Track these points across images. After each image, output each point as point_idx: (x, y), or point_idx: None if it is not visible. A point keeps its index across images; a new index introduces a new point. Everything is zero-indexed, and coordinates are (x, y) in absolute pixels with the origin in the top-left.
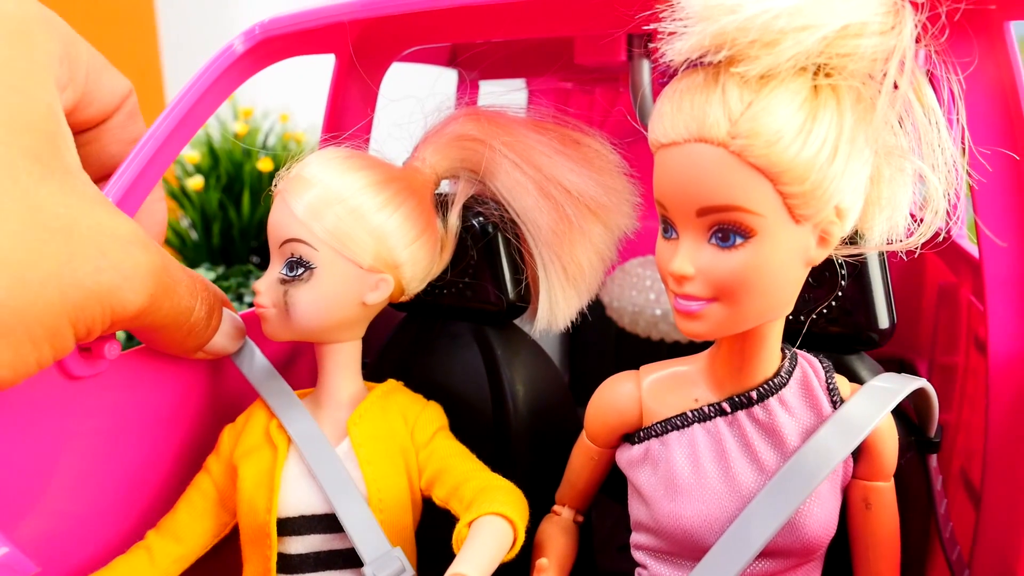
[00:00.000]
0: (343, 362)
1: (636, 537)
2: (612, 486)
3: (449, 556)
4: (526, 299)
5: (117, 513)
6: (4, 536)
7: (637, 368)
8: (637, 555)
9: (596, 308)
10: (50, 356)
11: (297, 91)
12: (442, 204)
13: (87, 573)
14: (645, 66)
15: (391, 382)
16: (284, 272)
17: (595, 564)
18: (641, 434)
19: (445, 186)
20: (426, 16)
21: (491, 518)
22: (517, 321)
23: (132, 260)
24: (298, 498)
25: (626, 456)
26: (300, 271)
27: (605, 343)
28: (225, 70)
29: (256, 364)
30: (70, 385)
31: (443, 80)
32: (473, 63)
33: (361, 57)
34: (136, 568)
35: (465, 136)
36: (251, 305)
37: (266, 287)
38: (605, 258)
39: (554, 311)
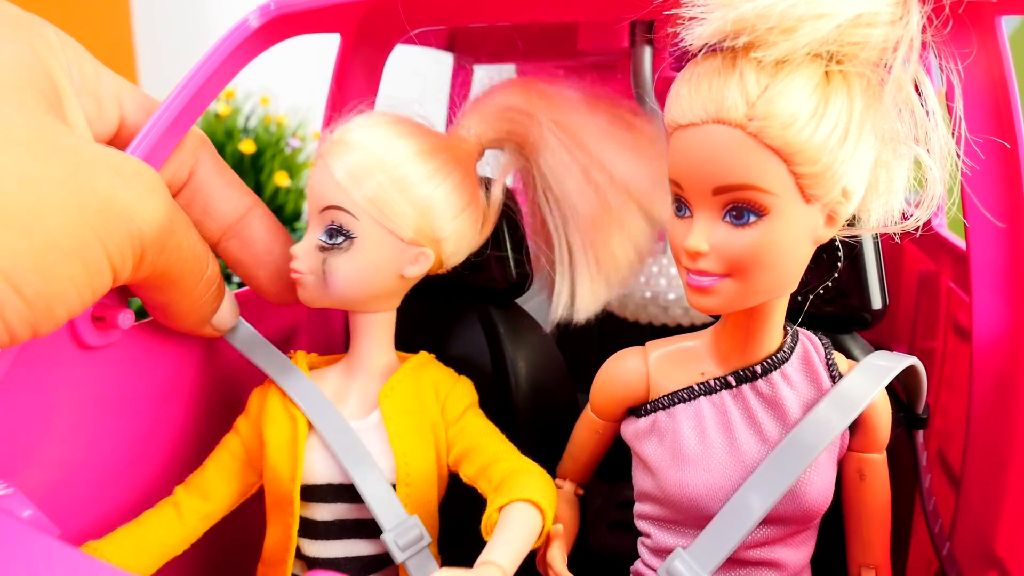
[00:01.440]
0: (377, 332)
1: (640, 507)
2: (600, 465)
3: (471, 530)
4: (529, 279)
5: (126, 479)
6: (27, 498)
7: (618, 350)
8: (641, 524)
9: None
10: (86, 282)
11: (277, 73)
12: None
13: (95, 536)
14: (647, 52)
15: (424, 355)
16: (324, 239)
17: (587, 541)
18: (648, 407)
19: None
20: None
21: (521, 505)
22: (520, 301)
23: (145, 181)
24: (324, 466)
25: (632, 428)
26: (340, 240)
27: (589, 325)
28: (239, 45)
29: (257, 345)
30: (83, 354)
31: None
32: (470, 47)
33: (366, 37)
34: (164, 523)
35: (513, 107)
36: (241, 285)
37: (304, 252)
38: (643, 252)
39: (578, 302)
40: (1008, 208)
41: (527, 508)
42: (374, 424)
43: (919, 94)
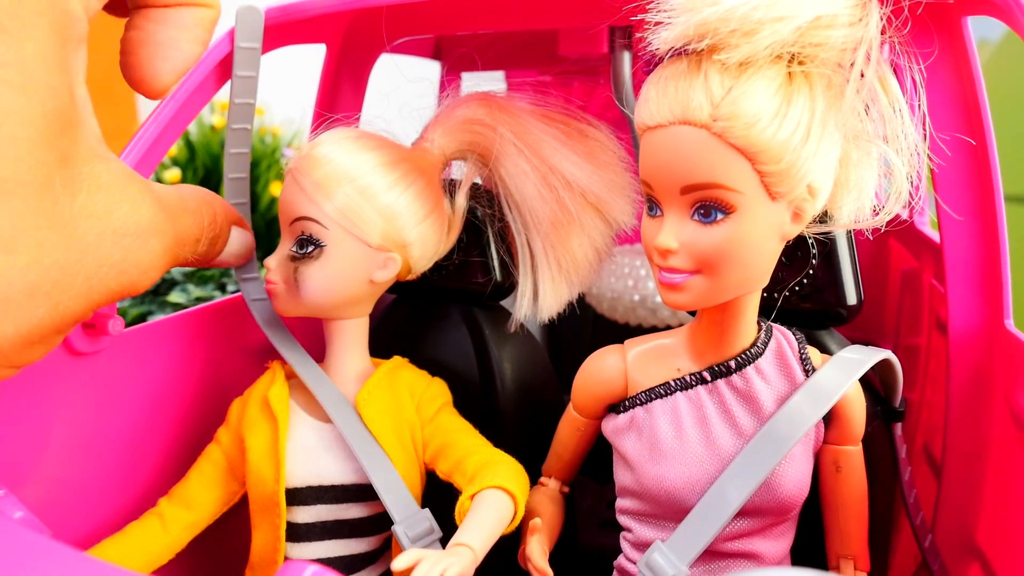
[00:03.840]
0: (351, 338)
1: (621, 502)
2: (590, 466)
3: (450, 527)
4: (513, 281)
5: (118, 484)
6: (18, 500)
7: None
8: (622, 519)
9: None
10: (59, 341)
11: (272, 86)
12: (449, 185)
13: (87, 541)
14: (626, 57)
15: (397, 359)
16: (295, 249)
17: (578, 540)
18: (626, 403)
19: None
20: (415, 8)
21: (492, 491)
22: (505, 303)
23: (150, 254)
24: (305, 469)
25: (612, 425)
26: (310, 248)
27: (582, 328)
28: (226, 56)
29: (283, 337)
30: (74, 361)
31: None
32: (457, 56)
33: (351, 47)
34: (149, 534)
35: (474, 120)
36: (234, 294)
37: (276, 263)
38: (601, 252)
39: (540, 301)
40: (978, 204)
41: (497, 494)
42: None
43: (886, 93)
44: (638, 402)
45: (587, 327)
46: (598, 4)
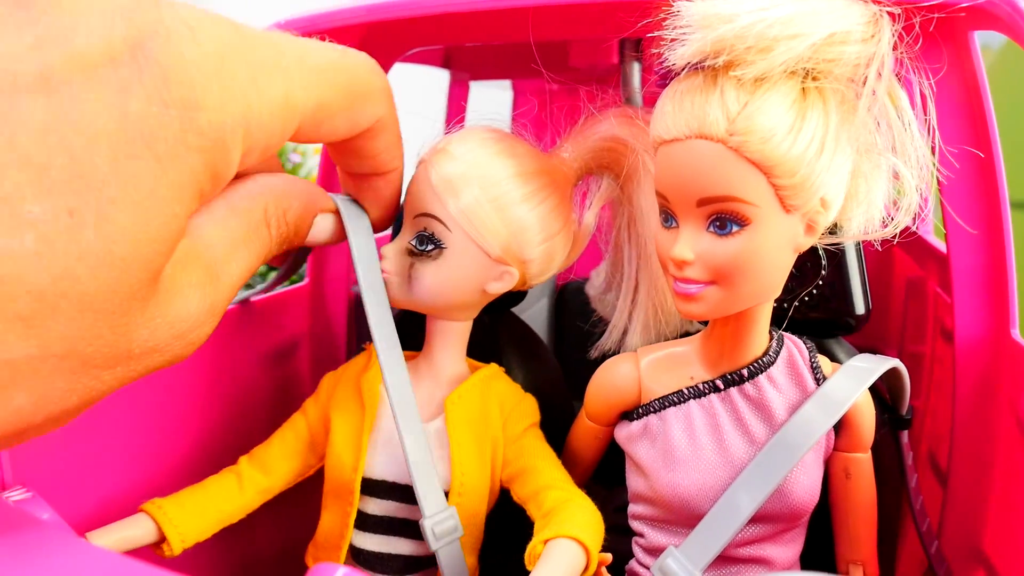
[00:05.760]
0: (452, 340)
1: (634, 508)
2: (598, 472)
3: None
4: (525, 289)
5: (128, 479)
6: (45, 501)
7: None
8: (635, 524)
9: (579, 299)
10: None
11: None
12: None
13: (107, 517)
14: (636, 68)
15: (493, 367)
16: (414, 243)
17: None
18: (640, 411)
19: None
20: (429, 20)
21: (566, 543)
22: (517, 310)
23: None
24: (385, 463)
25: (625, 432)
26: (429, 247)
27: (587, 335)
28: None
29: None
30: None
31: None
32: (466, 64)
33: None
34: (225, 489)
35: (616, 139)
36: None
37: (393, 254)
38: None
39: (628, 339)
40: (985, 214)
41: (571, 546)
42: (436, 430)
43: (896, 107)
44: (652, 410)
45: (594, 334)
46: (610, 17)
